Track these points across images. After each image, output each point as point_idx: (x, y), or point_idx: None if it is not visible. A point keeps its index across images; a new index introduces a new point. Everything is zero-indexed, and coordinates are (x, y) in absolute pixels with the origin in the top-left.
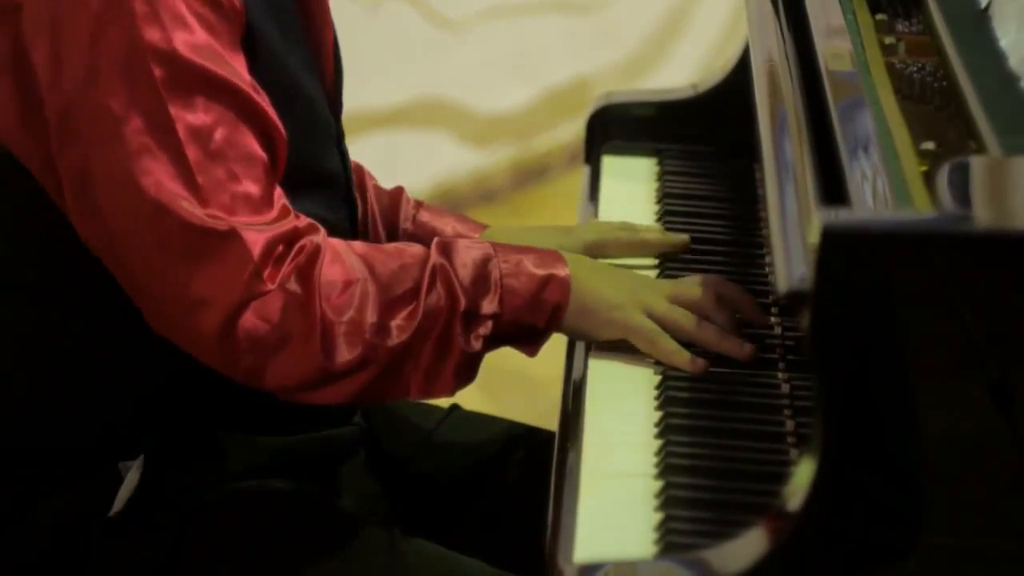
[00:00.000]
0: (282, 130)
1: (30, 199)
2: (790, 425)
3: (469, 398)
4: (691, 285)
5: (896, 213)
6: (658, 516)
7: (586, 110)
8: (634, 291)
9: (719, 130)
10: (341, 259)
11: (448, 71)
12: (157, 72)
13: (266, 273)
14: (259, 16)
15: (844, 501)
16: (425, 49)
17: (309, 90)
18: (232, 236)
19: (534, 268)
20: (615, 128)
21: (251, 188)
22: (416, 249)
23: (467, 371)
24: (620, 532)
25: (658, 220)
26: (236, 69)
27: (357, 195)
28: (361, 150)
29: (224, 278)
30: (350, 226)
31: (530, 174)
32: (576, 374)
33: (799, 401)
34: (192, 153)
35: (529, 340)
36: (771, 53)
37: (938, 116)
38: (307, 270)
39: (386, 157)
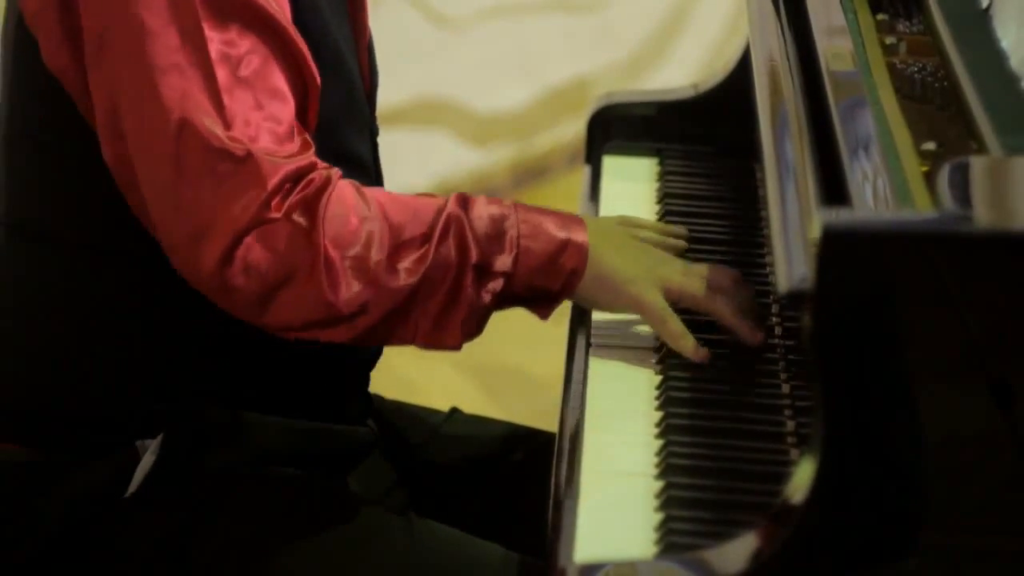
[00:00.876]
0: (317, 78)
1: (70, 141)
2: (790, 425)
3: (469, 398)
4: (707, 268)
5: (897, 213)
6: (659, 516)
7: (586, 110)
8: (651, 266)
9: (720, 130)
10: (353, 196)
11: (448, 70)
12: None
13: (274, 203)
14: None
15: (844, 501)
16: (425, 48)
17: (349, 68)
18: (248, 162)
19: (553, 231)
20: (616, 128)
21: (275, 120)
22: (433, 199)
23: (475, 324)
24: (621, 532)
25: (659, 220)
26: (279, 6)
27: None
28: None
29: (233, 203)
30: None
31: (530, 174)
32: (577, 374)
33: (799, 401)
34: (221, 74)
35: (542, 302)
36: (772, 53)
37: (939, 116)
38: (313, 202)
39: (386, 156)
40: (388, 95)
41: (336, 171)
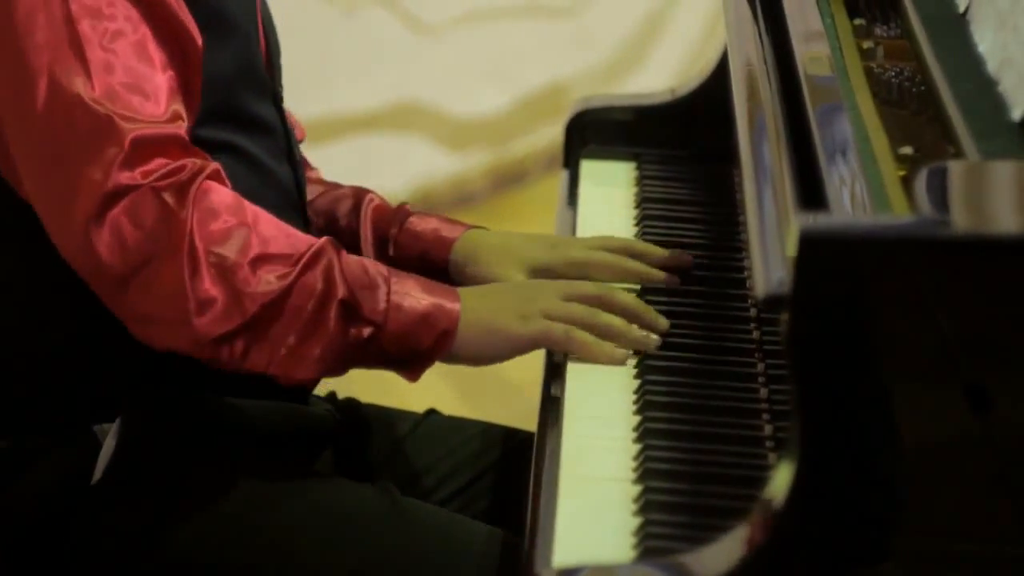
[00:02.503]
0: (197, 42)
1: None
2: (768, 429)
3: (447, 401)
4: (576, 283)
5: (874, 217)
6: (637, 520)
7: (563, 114)
8: (528, 300)
9: (697, 134)
10: (231, 199)
11: (424, 75)
12: None
13: (139, 169)
14: None
15: (822, 505)
16: (401, 53)
17: (244, 30)
18: (109, 123)
19: (425, 293)
20: (593, 132)
21: (143, 88)
22: (313, 237)
23: (334, 361)
24: (598, 536)
25: (637, 224)
26: None
27: (350, 218)
28: (337, 154)
29: (95, 164)
30: (294, 183)
31: (508, 178)
32: (554, 378)
33: (777, 405)
34: (84, 29)
35: (413, 363)
36: (749, 57)
37: (916, 120)
38: (185, 187)
39: (362, 161)
40: (364, 99)
41: (213, 165)
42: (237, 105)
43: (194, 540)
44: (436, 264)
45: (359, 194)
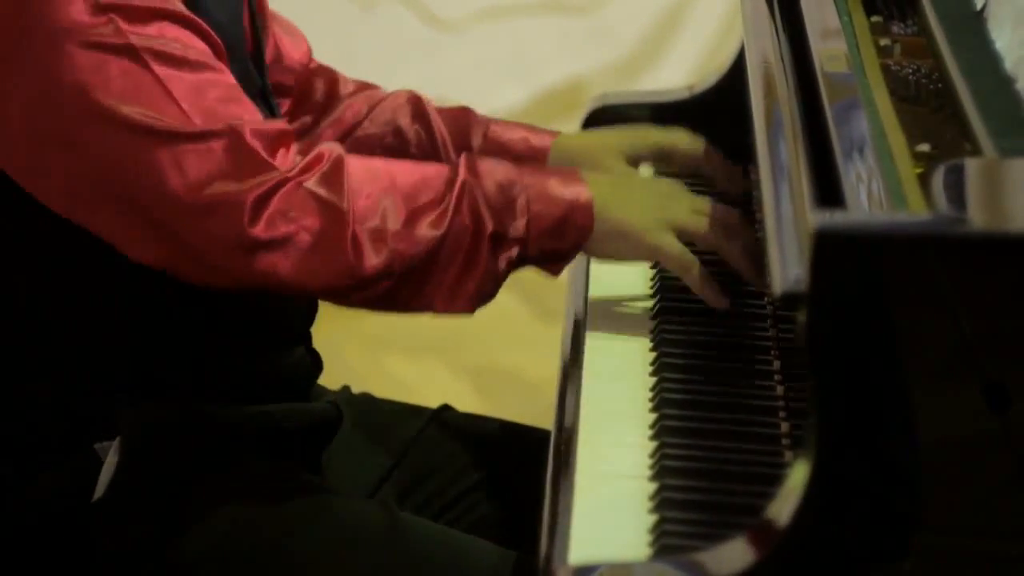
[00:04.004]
0: (223, 47)
1: None
2: (785, 427)
3: (462, 398)
4: (713, 203)
5: (891, 215)
6: (653, 518)
7: (581, 111)
8: (660, 208)
9: (714, 131)
10: (363, 170)
11: (443, 72)
12: (116, 18)
13: (276, 159)
14: None
15: (839, 503)
16: (420, 50)
17: (234, 41)
18: (231, 132)
19: (560, 191)
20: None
21: (229, 91)
22: (438, 165)
23: (490, 290)
24: (615, 534)
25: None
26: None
27: (418, 124)
28: None
29: (236, 172)
30: None
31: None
32: (571, 375)
33: (794, 403)
34: (160, 69)
35: (553, 261)
36: (766, 55)
37: (933, 118)
38: (333, 176)
39: None
40: None
41: (338, 147)
42: None
43: (196, 556)
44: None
45: (412, 99)
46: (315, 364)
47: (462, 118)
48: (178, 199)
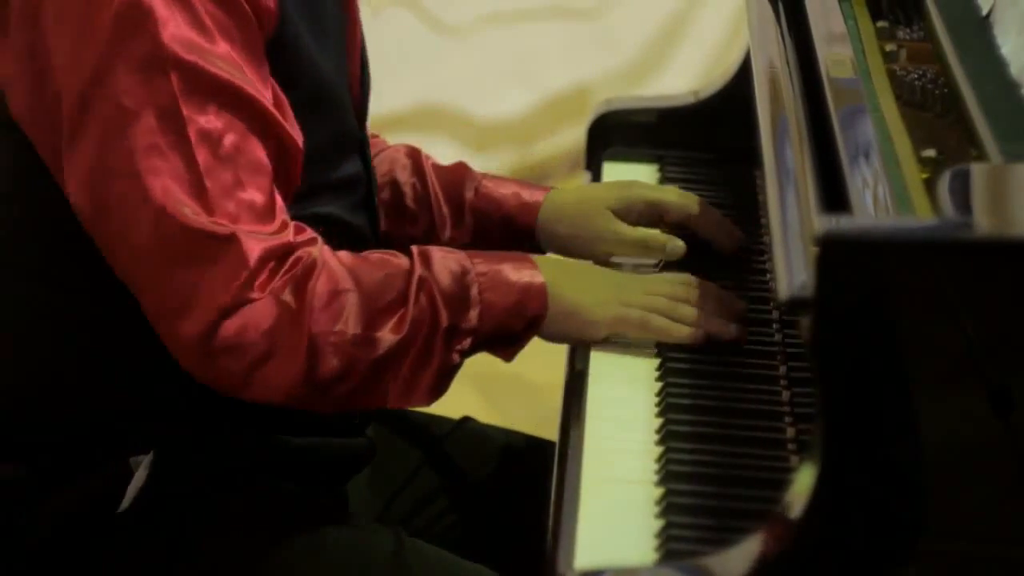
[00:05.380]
0: (299, 142)
1: (41, 178)
2: (791, 432)
3: (470, 405)
4: (666, 279)
5: (897, 220)
6: (659, 523)
7: (586, 116)
8: (612, 287)
9: (720, 136)
10: (331, 271)
11: (448, 77)
12: (174, 77)
13: (258, 282)
14: (294, 16)
15: (845, 508)
16: (425, 55)
17: (338, 95)
18: (232, 241)
19: (512, 277)
20: (616, 135)
21: (256, 196)
22: (400, 259)
23: (444, 382)
24: (621, 539)
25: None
26: (252, 79)
27: (415, 179)
28: None
29: (216, 281)
30: (371, 231)
31: (531, 180)
32: (576, 380)
33: (799, 408)
34: (202, 156)
35: (506, 345)
36: (772, 60)
37: (939, 123)
38: (302, 283)
39: None
40: (388, 102)
41: (319, 245)
42: (327, 174)
43: (210, 575)
44: (521, 228)
45: (411, 153)
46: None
47: (456, 173)
48: (150, 269)
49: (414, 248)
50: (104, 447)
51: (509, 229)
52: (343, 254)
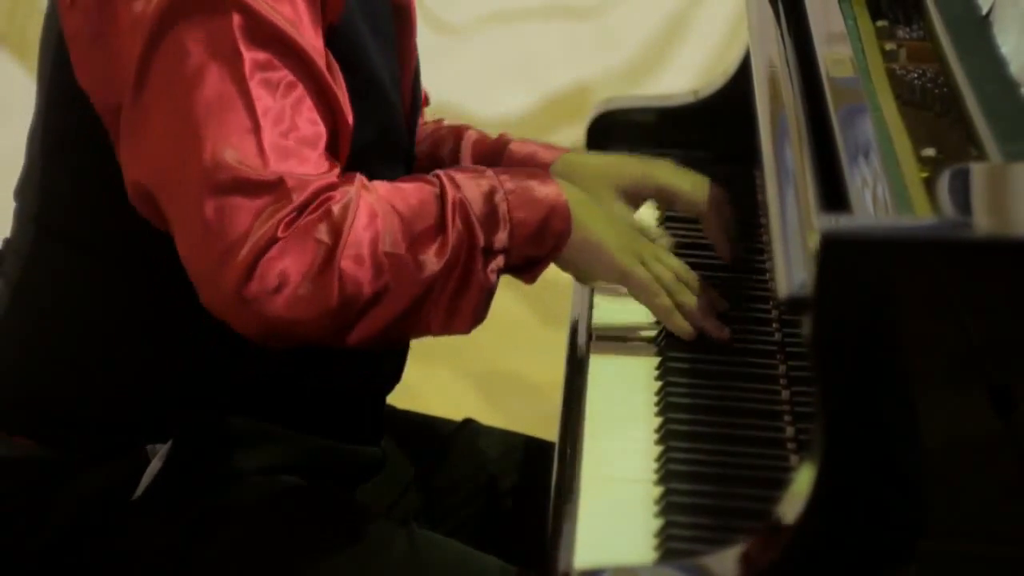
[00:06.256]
0: (349, 121)
1: (98, 153)
2: (790, 431)
3: (470, 404)
4: (676, 260)
5: (897, 219)
6: (658, 522)
7: (586, 115)
8: (633, 239)
9: (720, 136)
10: (368, 202)
11: (449, 76)
12: (236, 19)
13: (302, 221)
14: (357, 9)
15: (844, 507)
16: (426, 54)
17: (390, 98)
18: (280, 185)
19: (538, 194)
20: (616, 134)
21: (309, 145)
22: (432, 184)
23: (484, 306)
24: (620, 538)
25: (659, 225)
26: (314, 44)
27: (451, 156)
28: None
29: (264, 222)
30: None
31: None
32: (576, 380)
33: (799, 407)
34: (260, 102)
35: (531, 267)
36: (772, 59)
37: (939, 122)
38: (340, 219)
39: None
40: None
41: (359, 183)
42: (374, 174)
43: (217, 567)
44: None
45: (458, 132)
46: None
47: (493, 145)
48: (203, 177)
49: (441, 173)
50: (125, 433)
51: None
52: (379, 184)
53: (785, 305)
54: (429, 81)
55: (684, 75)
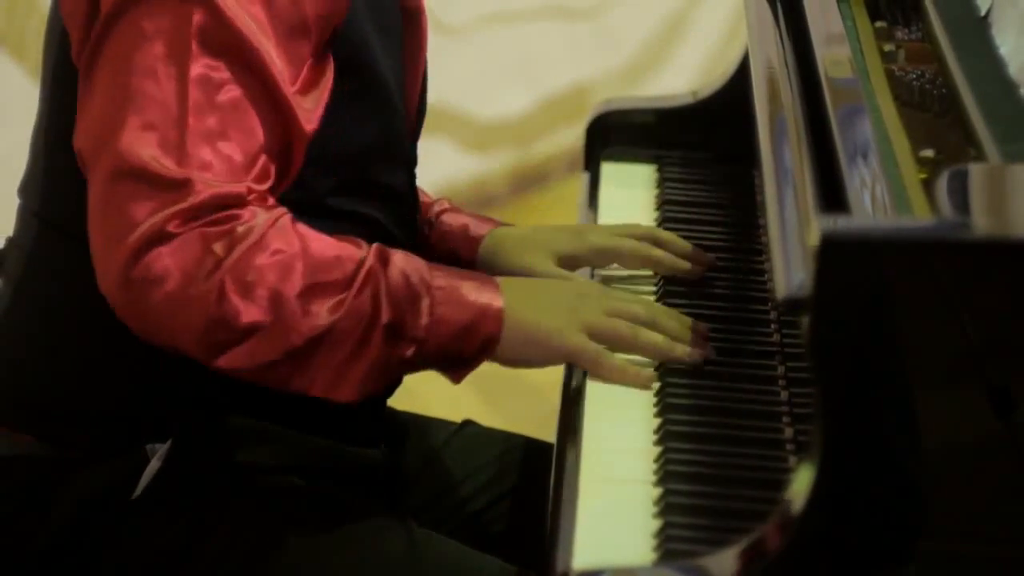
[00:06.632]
0: (306, 128)
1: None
2: (789, 432)
3: (469, 405)
4: (630, 299)
5: (895, 220)
6: (657, 523)
7: (585, 116)
8: (572, 311)
9: (719, 137)
10: (283, 233)
11: (448, 77)
12: (198, 17)
13: (193, 219)
14: (363, 11)
15: (843, 508)
16: None
17: (393, 101)
18: (184, 183)
19: (470, 297)
20: (615, 135)
21: (235, 153)
22: (355, 247)
23: (375, 381)
24: (619, 539)
25: (658, 227)
26: (273, 52)
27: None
28: None
29: (156, 213)
30: (410, 242)
31: (529, 180)
32: (575, 380)
33: (798, 408)
34: (194, 96)
35: (456, 367)
36: (771, 60)
37: (937, 123)
38: (241, 238)
39: None
40: None
41: (277, 212)
42: (371, 178)
43: (218, 564)
44: (465, 262)
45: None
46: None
47: (430, 210)
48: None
49: (379, 246)
50: (125, 431)
51: (454, 260)
52: (302, 227)
53: (783, 306)
54: (429, 82)
55: (683, 76)
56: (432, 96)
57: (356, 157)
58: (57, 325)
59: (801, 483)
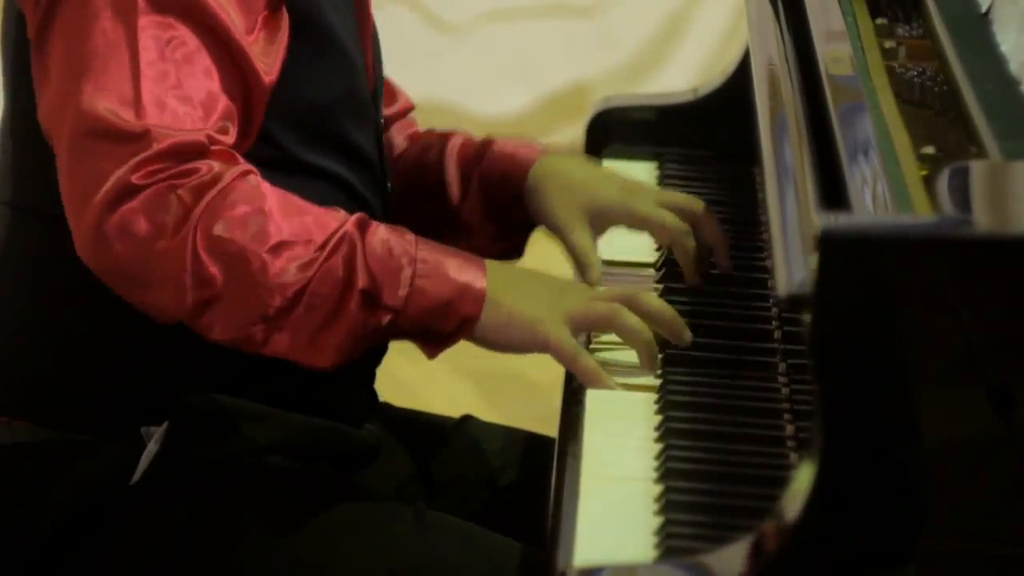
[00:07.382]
0: (264, 79)
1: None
2: (790, 429)
3: (470, 402)
4: (609, 289)
5: (896, 218)
6: (658, 520)
7: (585, 114)
8: (554, 302)
9: (719, 134)
10: (253, 191)
11: (447, 75)
12: None
13: (158, 168)
14: None
15: (844, 505)
16: (424, 53)
17: (352, 59)
18: (144, 135)
19: (452, 274)
20: (615, 132)
21: (191, 102)
22: (337, 213)
23: (352, 348)
24: (620, 536)
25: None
26: (225, 4)
27: (441, 162)
28: None
29: (119, 162)
30: (382, 210)
31: None
32: (576, 378)
33: (799, 405)
34: (146, 53)
35: (432, 342)
36: (771, 57)
37: (938, 120)
38: (205, 187)
39: None
40: None
41: (244, 168)
42: (338, 132)
43: (222, 547)
44: (515, 186)
45: (444, 138)
46: (370, 402)
47: (483, 143)
48: (74, 126)
49: (362, 215)
50: (119, 414)
51: (506, 185)
52: (277, 189)
53: (784, 303)
54: (428, 80)
55: (683, 73)
56: (432, 94)
57: (321, 110)
58: (43, 308)
59: (801, 480)
